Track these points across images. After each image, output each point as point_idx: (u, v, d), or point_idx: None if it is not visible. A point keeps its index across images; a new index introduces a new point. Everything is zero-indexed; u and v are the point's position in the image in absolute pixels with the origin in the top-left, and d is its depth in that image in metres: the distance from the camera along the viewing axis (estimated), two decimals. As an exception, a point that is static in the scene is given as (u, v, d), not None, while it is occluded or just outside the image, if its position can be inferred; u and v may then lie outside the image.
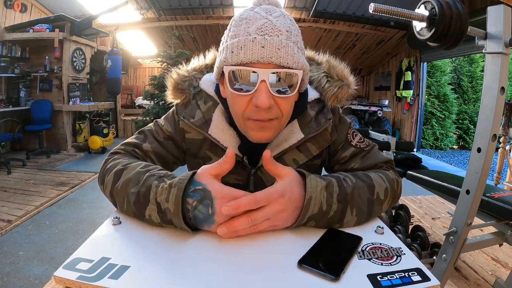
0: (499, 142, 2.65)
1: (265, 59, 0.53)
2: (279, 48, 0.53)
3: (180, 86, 0.71)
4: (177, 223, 0.50)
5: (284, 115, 0.59)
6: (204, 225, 0.51)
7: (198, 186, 0.51)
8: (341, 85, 0.69)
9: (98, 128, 5.26)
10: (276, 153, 0.67)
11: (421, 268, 0.43)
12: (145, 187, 0.54)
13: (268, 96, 0.54)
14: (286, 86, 0.56)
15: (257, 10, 0.57)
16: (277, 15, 0.56)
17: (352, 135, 0.73)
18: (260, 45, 0.53)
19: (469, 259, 1.83)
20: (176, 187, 0.50)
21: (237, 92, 0.56)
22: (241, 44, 0.54)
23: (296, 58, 0.55)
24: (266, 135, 0.60)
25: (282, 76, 0.55)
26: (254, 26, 0.54)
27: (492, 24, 0.92)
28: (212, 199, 0.50)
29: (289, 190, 0.52)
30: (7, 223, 2.42)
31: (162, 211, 0.51)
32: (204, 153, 0.72)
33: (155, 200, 0.52)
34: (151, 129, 0.74)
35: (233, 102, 0.60)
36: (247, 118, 0.59)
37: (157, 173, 0.56)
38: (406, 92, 6.45)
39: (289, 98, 0.58)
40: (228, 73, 0.56)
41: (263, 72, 0.53)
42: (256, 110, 0.56)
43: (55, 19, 4.76)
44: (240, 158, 0.68)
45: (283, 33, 0.54)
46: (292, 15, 5.92)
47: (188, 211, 0.51)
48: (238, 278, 0.42)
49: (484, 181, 1.04)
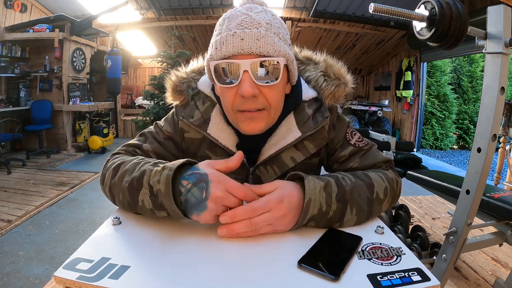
0: (499, 142, 2.65)
1: (245, 50, 0.55)
2: (258, 38, 0.55)
3: (178, 88, 0.72)
4: (168, 205, 0.50)
5: (272, 106, 0.61)
6: (193, 211, 0.50)
7: (196, 170, 0.52)
8: (338, 83, 0.69)
9: (98, 128, 5.25)
10: (274, 151, 0.67)
11: (421, 268, 0.43)
12: (139, 172, 0.55)
13: (252, 85, 0.56)
14: (273, 77, 0.58)
15: (239, 8, 0.60)
16: (258, 11, 0.59)
17: (351, 134, 0.74)
18: (239, 38, 0.55)
19: (469, 259, 1.83)
20: (168, 168, 0.51)
21: (224, 85, 0.58)
22: (223, 39, 0.56)
23: (276, 47, 0.57)
24: (256, 126, 0.62)
25: (266, 66, 0.57)
26: (235, 22, 0.57)
27: (492, 24, 0.92)
28: (208, 182, 0.50)
29: (287, 195, 0.53)
30: (7, 223, 2.42)
31: (154, 194, 0.51)
32: (203, 152, 0.72)
33: (148, 183, 0.52)
34: (151, 131, 0.75)
35: (223, 96, 0.62)
36: (236, 110, 0.60)
37: (152, 161, 0.58)
38: (406, 92, 6.45)
39: (275, 87, 0.59)
40: (214, 68, 0.58)
41: (244, 63, 0.55)
42: (243, 101, 0.58)
43: (55, 19, 4.76)
44: None
45: (262, 25, 0.56)
46: (292, 15, 5.88)
47: (180, 194, 0.51)
48: (238, 278, 0.42)
49: (484, 181, 1.04)
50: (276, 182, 0.55)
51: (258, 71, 0.56)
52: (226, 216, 0.49)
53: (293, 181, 0.57)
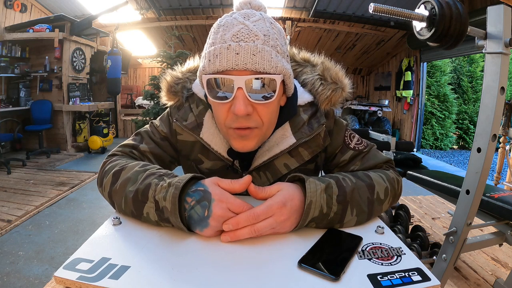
0: (499, 142, 2.65)
1: (240, 66, 0.52)
2: (254, 53, 0.52)
3: (173, 88, 0.71)
4: (174, 221, 0.50)
5: (265, 124, 0.59)
6: (197, 227, 0.50)
7: (200, 187, 0.52)
8: (335, 88, 0.67)
9: (98, 128, 5.25)
10: (266, 158, 0.66)
11: (421, 268, 0.43)
12: (144, 185, 0.54)
13: (246, 103, 0.54)
14: (267, 92, 0.55)
15: (236, 15, 0.57)
16: (255, 19, 0.56)
17: (350, 138, 0.72)
18: (234, 52, 0.52)
19: (469, 259, 1.83)
20: (174, 186, 0.50)
21: (216, 100, 0.56)
22: (217, 52, 0.54)
23: (274, 63, 0.54)
24: (248, 144, 0.60)
25: (260, 84, 0.54)
26: (230, 33, 0.54)
27: (492, 24, 0.92)
28: (211, 201, 0.50)
29: (289, 199, 0.52)
30: (7, 223, 2.42)
31: (160, 209, 0.51)
32: (196, 156, 0.72)
33: (154, 198, 0.52)
34: (147, 130, 0.74)
35: (215, 111, 0.60)
36: (228, 127, 0.58)
37: (157, 172, 0.56)
38: (406, 92, 6.45)
39: (270, 105, 0.57)
40: (206, 82, 0.56)
41: (239, 80, 0.53)
42: (235, 118, 0.56)
43: (55, 19, 4.76)
44: (230, 162, 0.68)
45: (259, 38, 0.54)
46: (292, 15, 5.88)
47: (185, 209, 0.51)
48: (238, 278, 0.42)
49: (484, 181, 1.04)
50: (278, 185, 0.54)
51: (253, 87, 0.54)
52: (229, 224, 0.48)
53: (294, 183, 0.57)
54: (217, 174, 0.58)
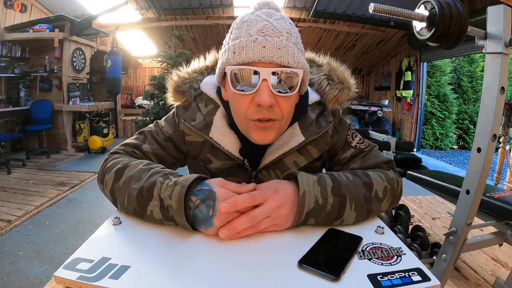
0: (499, 142, 2.65)
1: (266, 58, 0.54)
2: (280, 48, 0.54)
3: (180, 88, 0.71)
4: (179, 220, 0.51)
5: (285, 116, 0.60)
6: (201, 226, 0.51)
7: (205, 187, 0.53)
8: (342, 88, 0.69)
9: (98, 128, 5.25)
10: (276, 155, 0.67)
11: (421, 268, 0.43)
12: (149, 183, 0.54)
13: (270, 94, 0.55)
14: (287, 87, 0.57)
15: (258, 13, 0.58)
16: (277, 18, 0.58)
17: (352, 136, 0.73)
18: (261, 45, 0.54)
19: (469, 259, 1.83)
20: (180, 185, 0.51)
21: (239, 92, 0.57)
22: (242, 44, 0.55)
23: (296, 58, 0.56)
24: (268, 136, 0.61)
25: (282, 77, 0.56)
26: (255, 28, 0.56)
27: (492, 24, 0.92)
28: (215, 201, 0.50)
29: (281, 188, 0.54)
30: (7, 223, 2.42)
31: (165, 207, 0.52)
32: (205, 156, 0.72)
33: (159, 196, 0.52)
34: (151, 130, 0.74)
35: (236, 103, 0.60)
36: (250, 119, 0.59)
37: (161, 171, 0.57)
38: (406, 92, 6.46)
39: (290, 98, 0.59)
40: (230, 74, 0.57)
41: (264, 71, 0.54)
42: (258, 109, 0.57)
43: (55, 19, 4.76)
44: (240, 161, 0.68)
45: (283, 35, 0.56)
46: (292, 15, 5.91)
47: (190, 208, 0.52)
48: (238, 278, 0.42)
49: (484, 181, 1.05)
50: (271, 180, 0.58)
51: (276, 79, 0.56)
52: (226, 203, 0.49)
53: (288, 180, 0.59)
54: (226, 173, 0.59)
